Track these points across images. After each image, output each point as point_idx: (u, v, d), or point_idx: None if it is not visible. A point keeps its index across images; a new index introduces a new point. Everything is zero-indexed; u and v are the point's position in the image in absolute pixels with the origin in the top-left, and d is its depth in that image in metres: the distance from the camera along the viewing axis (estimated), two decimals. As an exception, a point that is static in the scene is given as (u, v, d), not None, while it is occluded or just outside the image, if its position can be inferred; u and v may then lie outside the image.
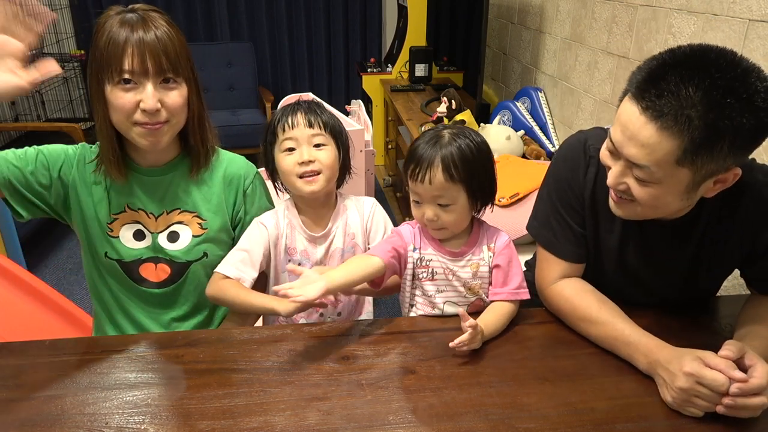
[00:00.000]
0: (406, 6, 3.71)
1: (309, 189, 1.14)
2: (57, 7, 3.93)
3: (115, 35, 1.02)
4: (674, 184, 0.86)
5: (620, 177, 0.91)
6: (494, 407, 0.87)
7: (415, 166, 1.02)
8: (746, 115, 0.78)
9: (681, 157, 0.82)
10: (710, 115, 0.78)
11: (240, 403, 0.88)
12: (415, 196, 1.06)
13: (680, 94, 0.79)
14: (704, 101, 0.78)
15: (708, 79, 0.78)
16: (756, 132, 0.81)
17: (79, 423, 0.84)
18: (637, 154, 0.85)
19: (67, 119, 4.04)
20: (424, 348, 1.00)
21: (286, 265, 1.18)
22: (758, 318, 0.99)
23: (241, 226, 1.24)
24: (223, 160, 1.23)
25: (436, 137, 1.04)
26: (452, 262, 1.08)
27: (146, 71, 1.03)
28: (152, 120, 1.05)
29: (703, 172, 0.84)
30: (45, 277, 2.67)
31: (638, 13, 1.94)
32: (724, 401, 0.81)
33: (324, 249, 1.20)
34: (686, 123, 0.79)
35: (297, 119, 1.14)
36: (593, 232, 1.09)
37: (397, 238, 1.09)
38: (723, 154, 0.81)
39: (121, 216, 1.17)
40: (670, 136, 0.81)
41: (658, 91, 0.81)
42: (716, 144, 0.80)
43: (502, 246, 1.09)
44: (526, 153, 2.56)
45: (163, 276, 1.20)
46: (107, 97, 1.04)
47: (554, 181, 1.11)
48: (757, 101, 0.78)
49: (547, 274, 1.10)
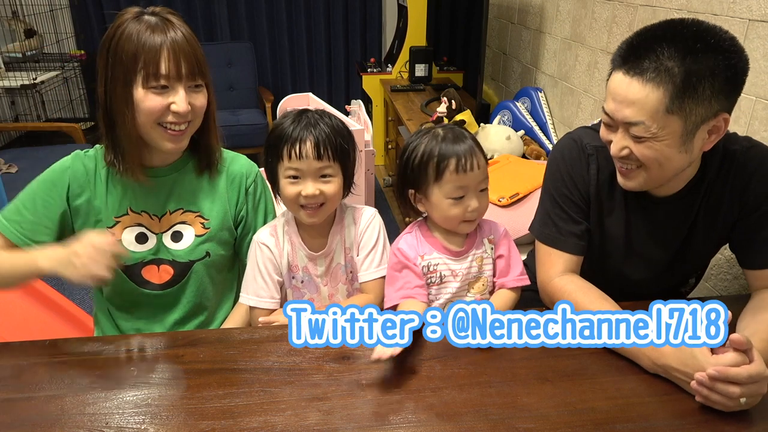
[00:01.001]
0: (406, 6, 3.71)
1: (311, 221, 1.12)
2: (57, 7, 3.94)
3: (147, 38, 1.02)
4: (670, 134, 0.93)
5: (621, 143, 0.99)
6: (494, 407, 0.87)
7: (458, 160, 1.03)
8: (718, 57, 0.89)
9: (669, 104, 0.90)
10: (686, 62, 0.89)
11: (240, 403, 0.88)
12: (458, 193, 1.05)
13: (657, 51, 0.90)
14: (679, 52, 0.89)
15: (679, 35, 0.91)
16: (728, 72, 0.90)
17: (79, 423, 0.84)
18: (629, 113, 0.94)
19: (67, 119, 4.04)
20: (424, 348, 1.00)
21: (290, 281, 1.19)
22: (759, 318, 0.99)
23: (243, 224, 1.24)
24: (226, 159, 1.24)
25: (445, 135, 1.06)
26: (457, 263, 1.10)
27: (180, 75, 1.04)
28: (181, 121, 1.07)
29: (693, 118, 0.92)
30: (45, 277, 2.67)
31: (638, 13, 1.94)
32: (697, 376, 0.83)
33: (325, 266, 1.19)
34: (666, 73, 0.89)
35: (306, 149, 1.06)
36: (598, 222, 1.15)
37: (410, 275, 1.09)
38: (706, 96, 0.90)
39: (124, 219, 1.16)
40: (655, 87, 0.90)
41: (637, 53, 0.92)
42: (698, 86, 0.89)
43: (501, 236, 1.14)
44: (526, 153, 2.56)
45: (166, 277, 1.19)
46: (136, 100, 1.04)
47: (555, 180, 1.15)
48: (723, 45, 0.90)
49: (549, 269, 1.13)
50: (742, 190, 1.06)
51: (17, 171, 2.98)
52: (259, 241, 1.17)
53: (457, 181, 1.04)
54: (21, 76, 3.50)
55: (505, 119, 2.79)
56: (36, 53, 3.80)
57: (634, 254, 1.16)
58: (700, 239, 1.13)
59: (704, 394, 0.84)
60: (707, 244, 1.15)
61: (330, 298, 1.20)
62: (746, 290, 1.13)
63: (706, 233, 1.12)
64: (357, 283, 1.21)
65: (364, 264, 1.18)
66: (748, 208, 1.06)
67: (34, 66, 3.71)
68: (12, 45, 3.73)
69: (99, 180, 1.15)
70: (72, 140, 3.44)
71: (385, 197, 3.67)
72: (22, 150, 3.36)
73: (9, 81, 3.48)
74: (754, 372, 0.81)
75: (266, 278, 1.16)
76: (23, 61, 3.73)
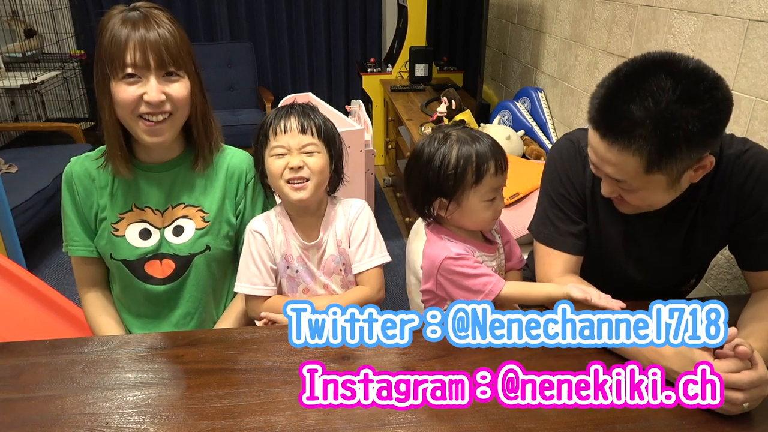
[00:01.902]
0: (406, 6, 3.71)
1: (297, 197, 1.12)
2: (57, 7, 3.94)
3: (117, 32, 1.04)
4: (655, 187, 0.95)
5: (609, 188, 1.02)
6: (494, 407, 0.86)
7: (495, 162, 1.06)
8: (692, 120, 0.85)
9: (647, 167, 0.90)
10: (659, 130, 0.86)
11: (240, 403, 0.88)
12: (492, 195, 1.09)
13: (628, 117, 0.87)
14: (650, 119, 0.86)
15: (649, 96, 0.85)
16: (707, 129, 0.87)
17: (79, 423, 0.84)
18: (611, 171, 0.95)
19: (67, 119, 4.05)
20: (424, 348, 1.00)
21: (285, 271, 1.19)
22: (759, 318, 0.99)
23: (242, 218, 1.25)
24: (227, 155, 1.25)
25: (465, 138, 1.08)
26: (492, 259, 1.16)
27: (148, 64, 1.05)
28: (156, 111, 1.07)
29: (675, 172, 0.92)
30: (45, 277, 2.67)
31: (638, 13, 1.94)
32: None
33: (317, 258, 1.20)
34: (639, 141, 0.88)
35: (290, 124, 1.12)
36: (595, 224, 1.15)
37: (480, 268, 1.10)
38: (684, 154, 0.89)
39: (128, 215, 1.18)
40: (630, 155, 0.89)
41: (609, 118, 0.90)
42: (674, 150, 0.88)
43: (500, 223, 1.23)
44: (526, 153, 2.56)
45: (168, 271, 1.20)
46: (112, 93, 1.06)
47: (552, 180, 1.15)
48: (699, 104, 0.85)
49: (548, 269, 1.13)
50: (740, 192, 1.05)
51: (17, 171, 2.98)
52: (252, 229, 1.18)
53: (494, 182, 1.07)
54: (21, 76, 3.50)
55: (505, 119, 2.79)
56: (36, 53, 3.80)
57: (632, 255, 1.16)
58: (699, 240, 1.12)
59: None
60: (707, 246, 1.15)
61: (325, 289, 1.21)
62: (746, 290, 1.13)
63: (706, 234, 1.12)
64: (351, 275, 1.22)
65: (357, 255, 1.20)
66: (746, 210, 1.06)
67: (34, 66, 3.71)
68: (12, 45, 3.73)
69: (101, 179, 1.18)
70: (72, 140, 3.44)
71: (385, 197, 3.67)
72: (22, 150, 3.36)
73: (9, 81, 3.48)
74: (756, 377, 0.81)
75: (259, 265, 1.17)
76: (23, 61, 3.73)
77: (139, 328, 1.25)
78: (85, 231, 1.20)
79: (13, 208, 2.43)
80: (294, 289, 1.21)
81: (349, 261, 1.21)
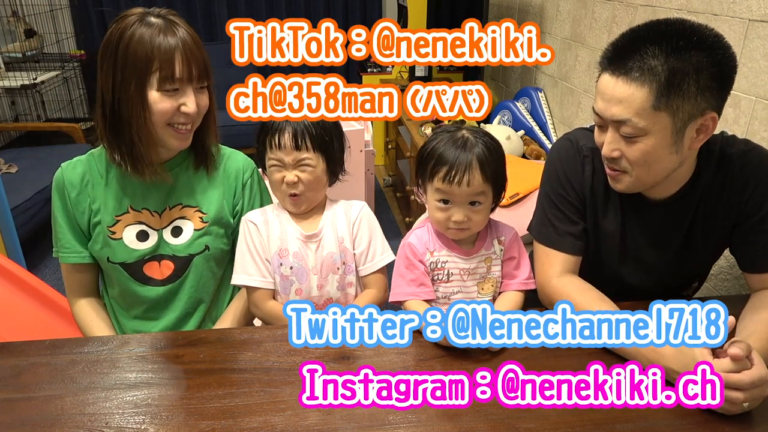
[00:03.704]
0: (406, 6, 3.71)
1: (293, 209, 1.18)
2: (57, 7, 3.94)
3: (161, 41, 1.04)
4: (659, 132, 0.95)
5: (611, 143, 1.00)
6: (494, 407, 0.86)
7: (449, 169, 1.02)
8: (702, 53, 0.90)
9: (655, 102, 0.92)
10: (670, 60, 0.90)
11: (240, 403, 0.88)
12: (442, 199, 1.05)
13: (641, 51, 0.92)
14: (662, 51, 0.91)
15: (662, 34, 0.92)
16: (714, 68, 0.91)
17: (79, 423, 0.84)
18: (617, 110, 0.95)
19: (67, 119, 4.04)
20: (424, 348, 1.00)
21: (278, 268, 1.17)
22: (759, 319, 0.99)
23: (239, 218, 1.24)
24: (224, 155, 1.26)
25: (460, 139, 1.04)
26: (466, 262, 1.10)
27: (191, 77, 1.08)
28: (189, 122, 1.11)
29: (681, 115, 0.93)
30: (45, 277, 2.67)
31: (638, 13, 1.94)
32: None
33: (314, 251, 1.18)
34: (650, 71, 0.91)
35: (284, 141, 1.11)
36: (593, 223, 1.15)
37: (416, 272, 1.09)
38: (692, 92, 0.91)
39: (125, 217, 1.17)
40: (640, 85, 0.92)
41: (622, 55, 0.95)
42: (683, 83, 0.91)
43: (512, 238, 1.14)
44: (526, 153, 2.56)
45: (167, 272, 1.20)
46: (150, 101, 1.06)
47: (551, 180, 1.15)
48: (707, 42, 0.91)
49: (548, 269, 1.13)
50: (741, 194, 1.05)
51: (17, 171, 2.98)
52: (247, 220, 1.19)
53: (443, 188, 1.04)
54: (21, 76, 3.50)
55: (505, 119, 2.79)
56: (36, 53, 3.80)
57: (630, 257, 1.16)
58: (699, 243, 1.12)
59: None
60: (707, 249, 1.15)
61: (319, 289, 1.18)
62: (746, 290, 1.12)
63: (705, 237, 1.11)
64: (350, 275, 1.20)
65: (366, 256, 1.20)
66: (747, 211, 1.06)
67: (34, 66, 3.71)
68: (12, 45, 3.73)
69: (95, 183, 1.17)
70: (72, 140, 3.44)
71: (385, 197, 3.67)
72: (22, 150, 3.36)
73: (9, 81, 3.48)
74: (756, 377, 0.81)
75: (255, 256, 1.16)
76: (23, 61, 3.73)
77: (135, 329, 1.24)
78: (77, 237, 1.19)
79: (13, 208, 2.43)
80: (287, 290, 1.18)
81: (349, 260, 1.20)
